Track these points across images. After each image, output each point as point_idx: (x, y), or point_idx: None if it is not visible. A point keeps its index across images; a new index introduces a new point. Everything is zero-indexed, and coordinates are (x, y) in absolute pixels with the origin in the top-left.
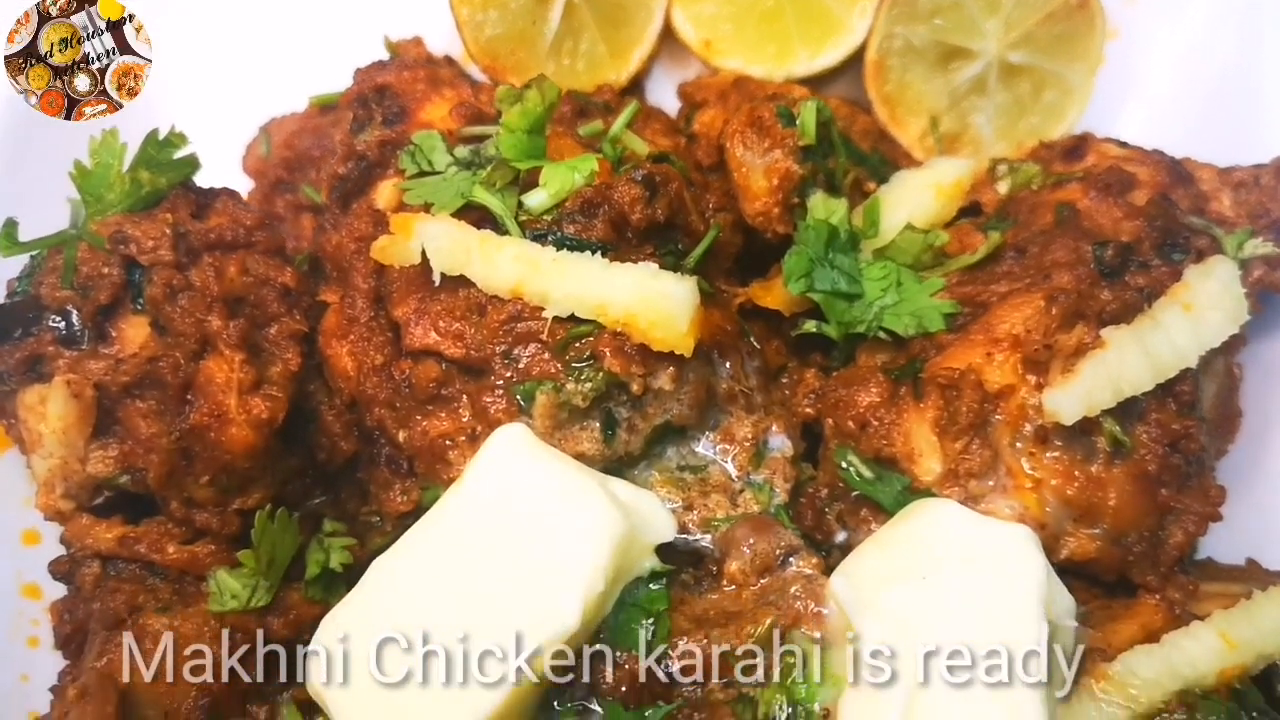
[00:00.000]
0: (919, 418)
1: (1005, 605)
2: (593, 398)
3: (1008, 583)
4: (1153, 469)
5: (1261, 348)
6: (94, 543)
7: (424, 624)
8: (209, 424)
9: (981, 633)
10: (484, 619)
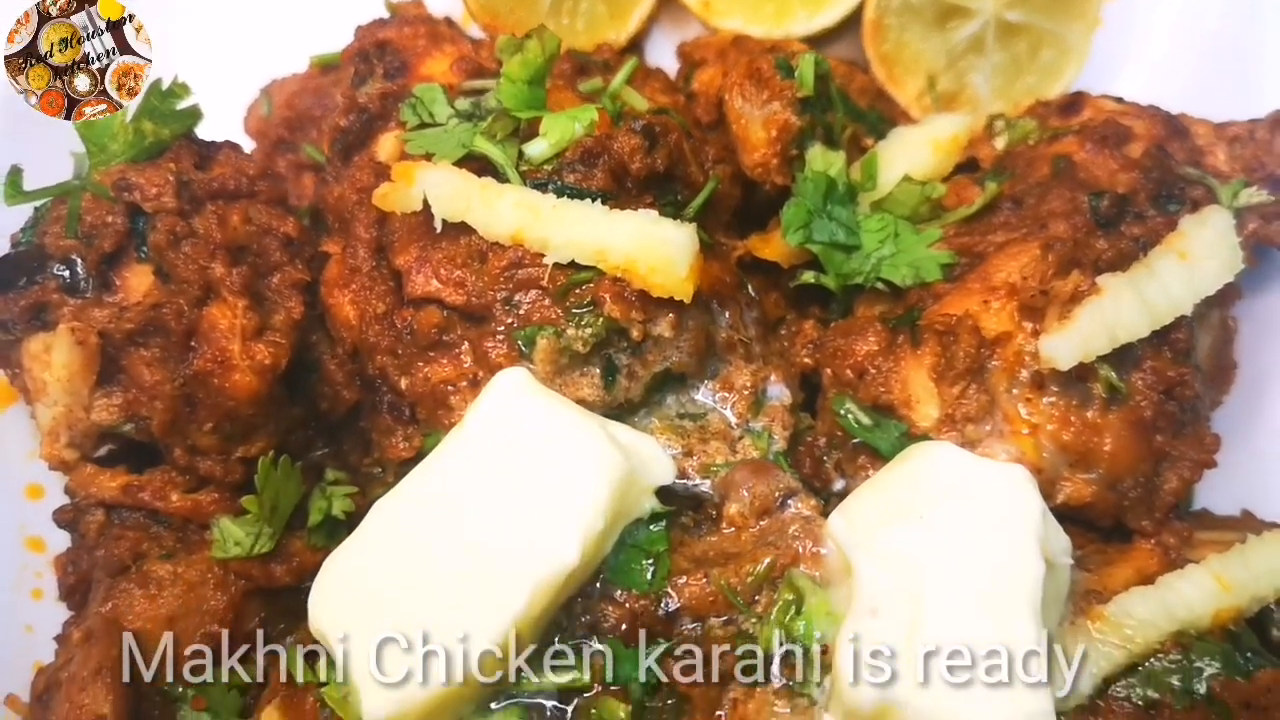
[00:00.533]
0: (916, 364)
1: (1002, 542)
2: (593, 343)
3: (1004, 521)
4: (1148, 415)
5: (1256, 301)
6: (98, 491)
7: (425, 562)
8: (213, 370)
9: (978, 570)
10: (486, 556)
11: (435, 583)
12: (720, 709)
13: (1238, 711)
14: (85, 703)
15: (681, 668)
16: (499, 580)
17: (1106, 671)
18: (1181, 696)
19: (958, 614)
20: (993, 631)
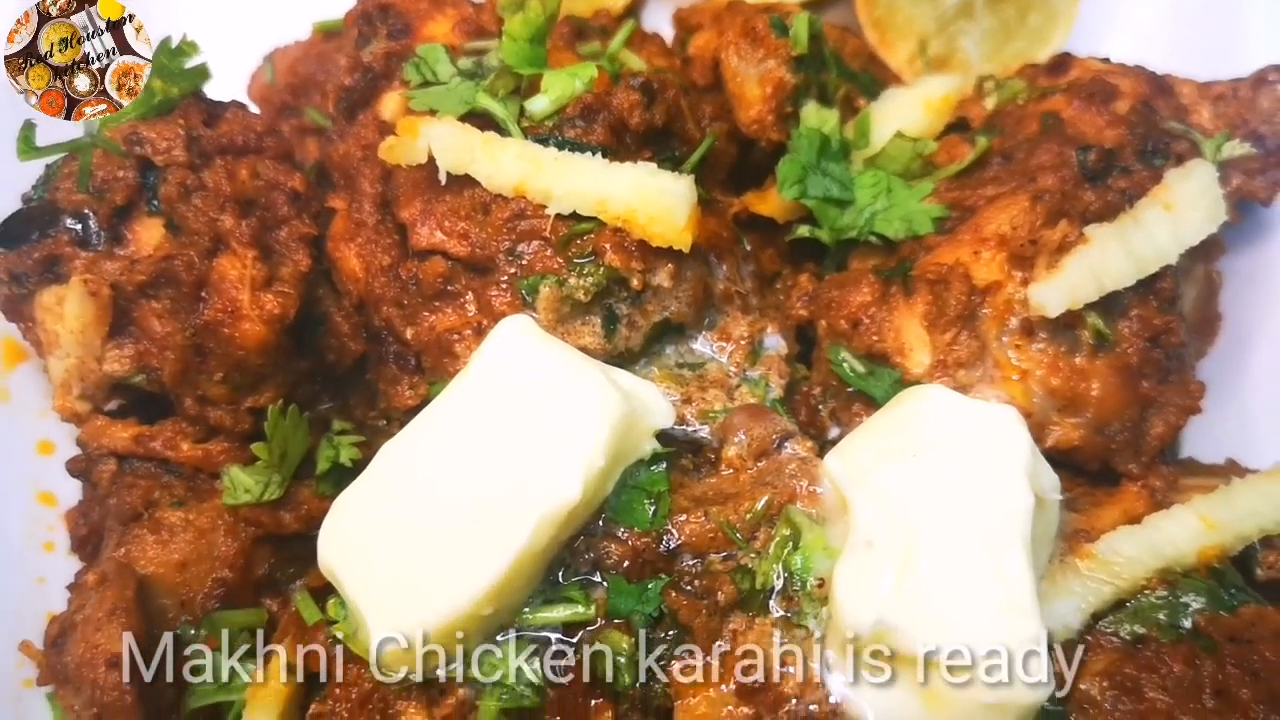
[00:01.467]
0: (909, 313)
1: (992, 477)
2: (594, 292)
3: (994, 457)
4: (1134, 361)
5: (1240, 256)
6: (109, 442)
7: (431, 499)
8: (222, 319)
9: (970, 504)
10: (489, 493)
11: (441, 519)
12: (720, 639)
13: (1223, 644)
14: (100, 642)
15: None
16: (503, 516)
17: (1095, 607)
18: (1168, 631)
19: (950, 545)
20: (984, 560)
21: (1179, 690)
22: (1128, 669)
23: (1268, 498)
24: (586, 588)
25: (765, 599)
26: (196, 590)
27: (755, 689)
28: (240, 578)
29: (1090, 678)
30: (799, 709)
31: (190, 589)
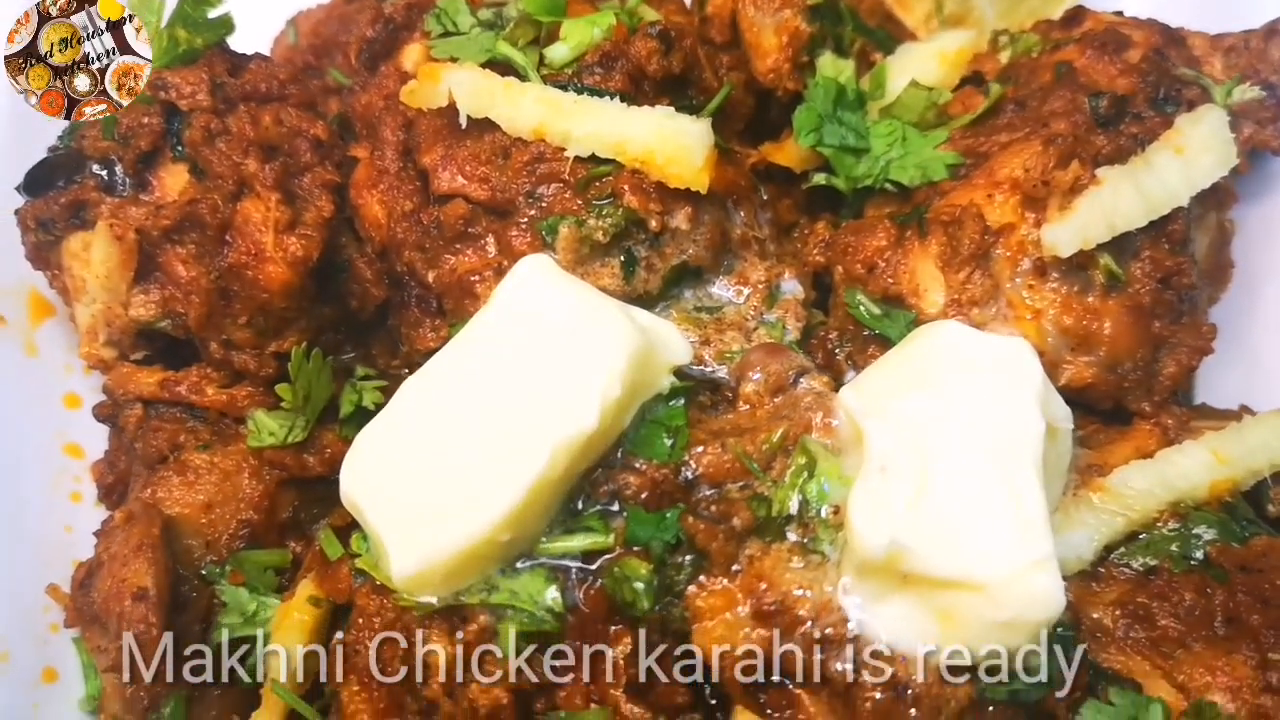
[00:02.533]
0: (923, 254)
1: (1004, 404)
2: (613, 233)
3: (1006, 385)
4: (1146, 301)
5: (1253, 205)
6: (135, 388)
7: (451, 431)
8: (247, 262)
9: (982, 430)
10: (507, 423)
11: (461, 449)
12: (737, 564)
13: (1234, 574)
14: (127, 576)
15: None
16: (521, 445)
17: (1107, 539)
18: (1179, 561)
19: (963, 469)
20: (996, 483)
21: (1190, 618)
22: (1140, 598)
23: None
24: (606, 517)
25: (781, 526)
26: (222, 531)
27: (771, 612)
28: (265, 520)
29: (1103, 607)
30: (814, 631)
31: (215, 530)
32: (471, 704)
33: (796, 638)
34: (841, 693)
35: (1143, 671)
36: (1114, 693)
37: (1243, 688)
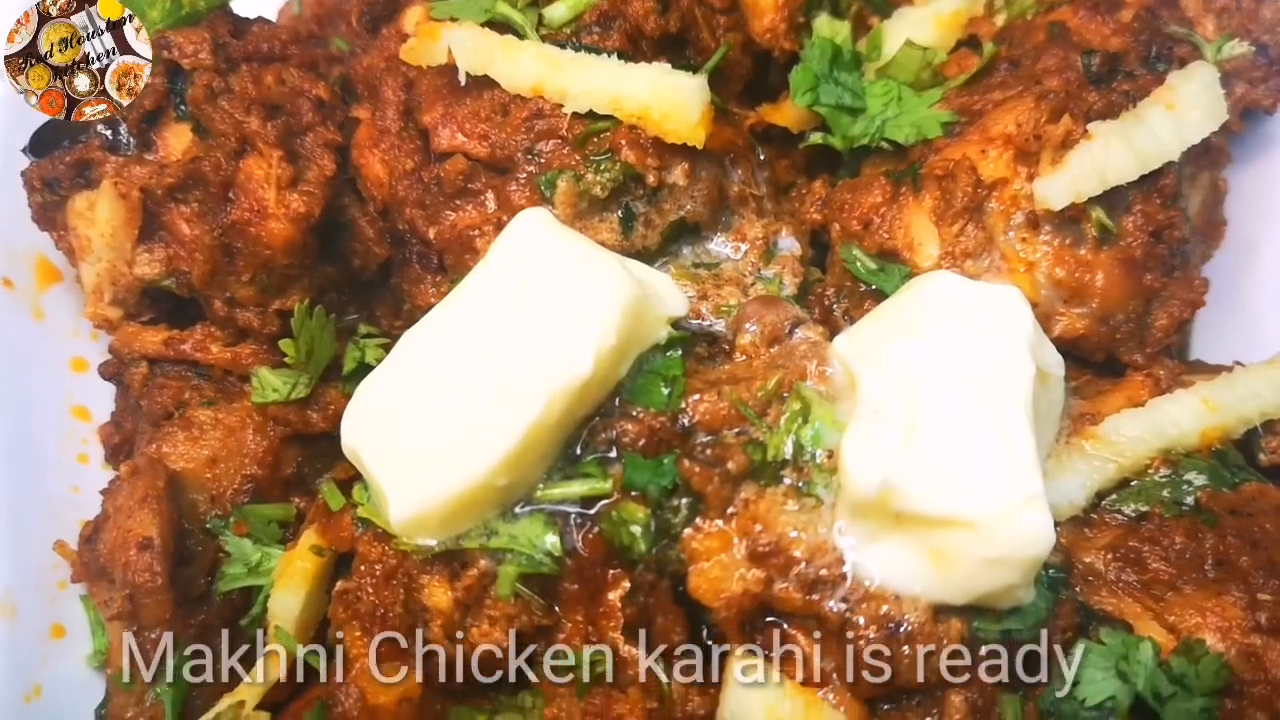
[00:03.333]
0: (918, 208)
1: (995, 349)
2: (611, 188)
3: (997, 331)
4: (1138, 254)
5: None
6: (141, 346)
7: (449, 380)
8: (249, 219)
9: (973, 373)
10: (504, 371)
11: (458, 397)
12: (732, 508)
13: (1223, 518)
14: (133, 527)
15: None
16: (517, 391)
17: (1099, 485)
18: (1170, 507)
19: (954, 410)
20: (986, 423)
21: (1181, 560)
22: (1131, 542)
23: (1269, 382)
24: (604, 464)
25: (776, 470)
26: (226, 486)
27: (766, 553)
28: (269, 475)
29: (1094, 551)
30: (809, 572)
31: (220, 484)
32: (472, 647)
33: (791, 578)
34: (836, 632)
35: (1134, 613)
36: (1105, 633)
37: (1232, 628)
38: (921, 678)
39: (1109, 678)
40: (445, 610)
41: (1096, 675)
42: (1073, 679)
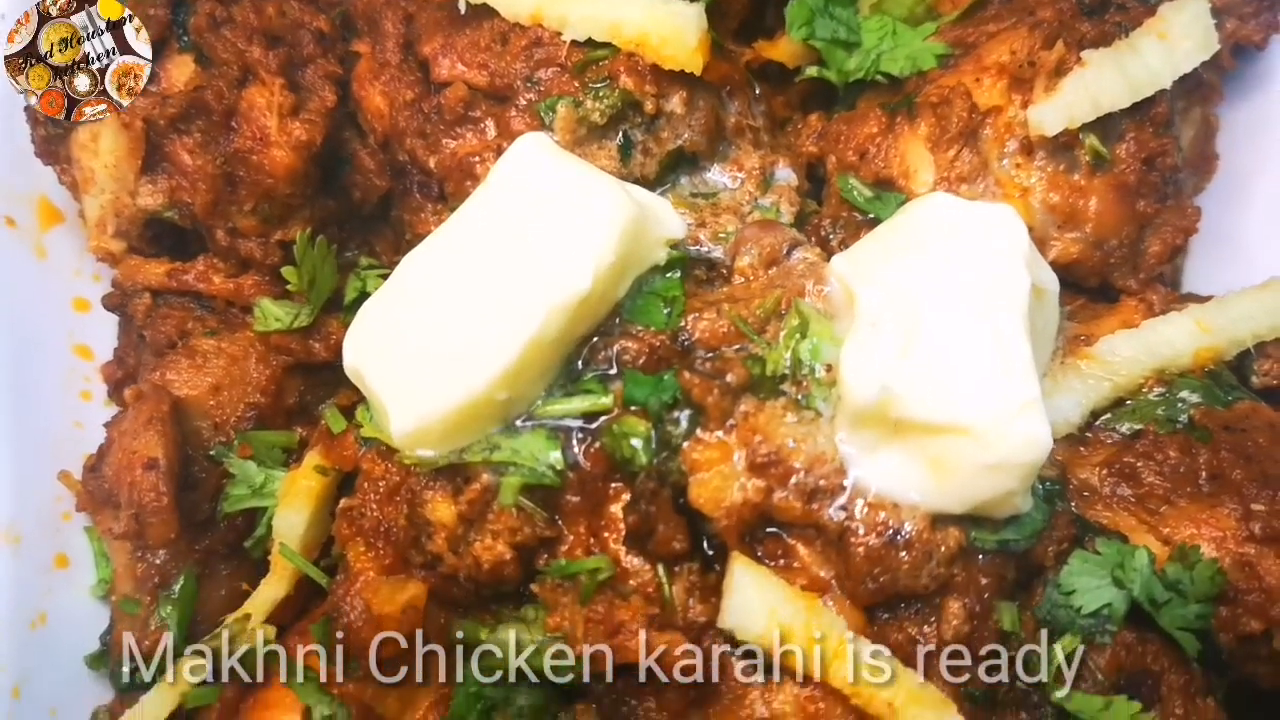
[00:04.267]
0: (913, 136)
1: (990, 264)
2: (609, 115)
3: (992, 247)
4: (1131, 180)
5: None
6: (144, 279)
7: (449, 299)
8: (252, 147)
9: (969, 287)
10: (504, 289)
11: (459, 315)
12: (732, 420)
13: (1217, 433)
14: (138, 449)
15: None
16: (517, 307)
17: (1094, 404)
18: (1165, 424)
19: (951, 321)
20: (982, 332)
21: (1175, 475)
22: (1126, 458)
23: (1261, 304)
24: (604, 380)
25: (775, 384)
26: (230, 414)
27: (766, 463)
28: (272, 403)
29: (1090, 468)
30: (808, 481)
31: (223, 412)
32: (475, 560)
33: (790, 488)
34: (835, 540)
35: (1129, 526)
36: (1101, 543)
37: (1227, 538)
38: (920, 585)
39: (1105, 585)
40: (449, 524)
41: (1092, 583)
42: (1069, 587)
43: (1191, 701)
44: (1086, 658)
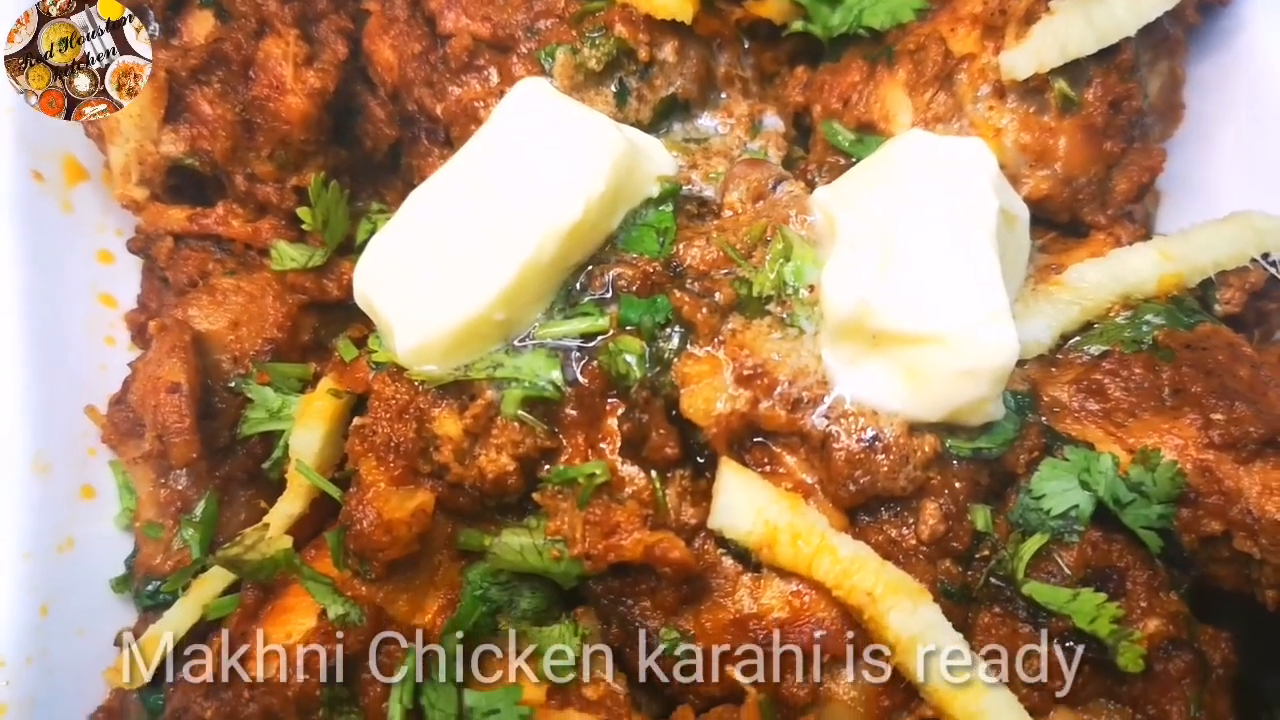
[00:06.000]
0: (892, 82)
1: (962, 189)
2: (605, 62)
3: (964, 175)
4: (1098, 121)
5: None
6: (166, 224)
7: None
8: (269, 95)
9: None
10: (503, 218)
11: (460, 243)
12: (721, 336)
13: (1179, 352)
14: (162, 374)
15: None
16: (513, 233)
17: (1063, 327)
18: (1130, 345)
19: (925, 240)
20: (954, 249)
21: (1140, 390)
22: (1094, 375)
23: (1222, 235)
24: (601, 304)
25: (761, 304)
26: (248, 347)
27: (752, 375)
28: (288, 339)
29: (1060, 386)
30: (791, 392)
31: (242, 345)
32: (480, 471)
33: (775, 398)
34: (818, 447)
35: (1096, 436)
36: (1069, 451)
37: (1188, 445)
38: (897, 487)
39: (1072, 489)
40: (455, 438)
41: (1060, 487)
42: (1039, 491)
43: (1155, 595)
44: (1056, 555)
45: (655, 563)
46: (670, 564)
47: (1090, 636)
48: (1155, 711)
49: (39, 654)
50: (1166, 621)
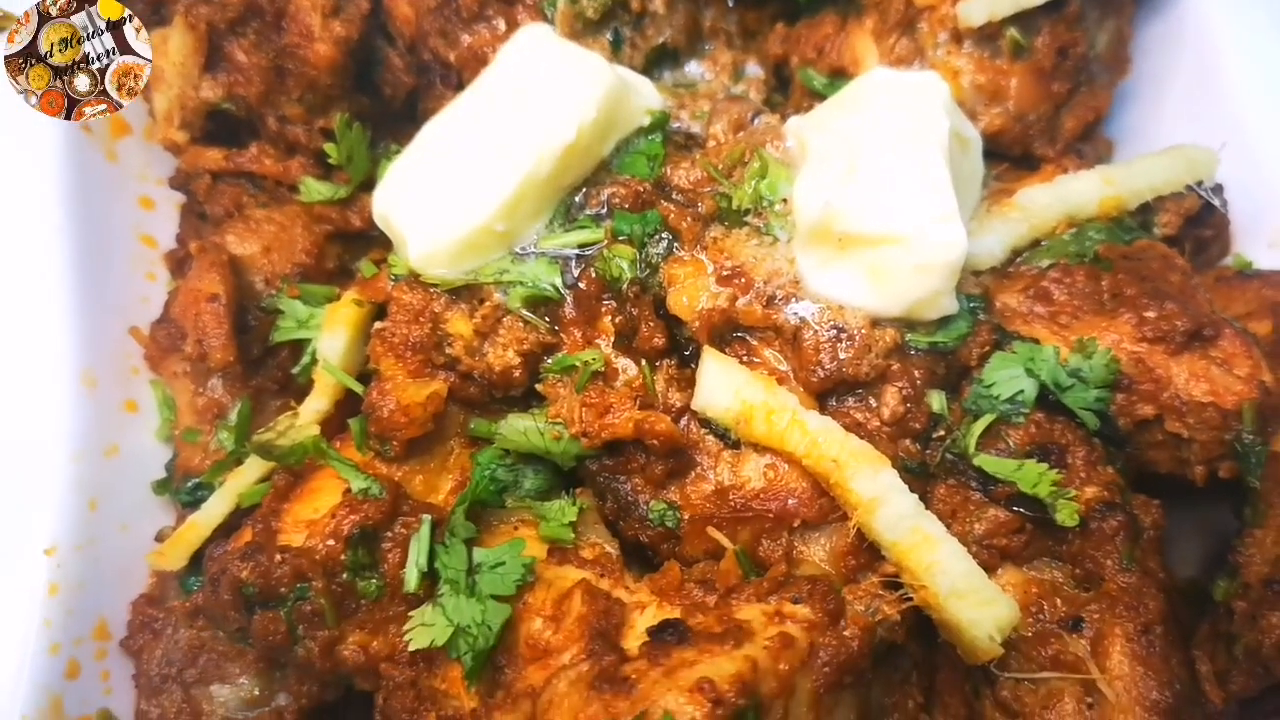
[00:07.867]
0: (860, 31)
1: (918, 113)
2: (602, 11)
3: (920, 102)
4: (1046, 65)
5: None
6: (204, 163)
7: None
8: (298, 43)
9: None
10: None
11: (466, 165)
12: (703, 242)
13: (1118, 262)
14: (202, 288)
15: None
16: (513, 152)
17: (1014, 244)
18: (1074, 258)
19: (884, 155)
20: (910, 160)
21: (1082, 294)
22: (1041, 283)
23: (1159, 164)
24: (597, 219)
25: (740, 216)
26: (279, 270)
27: (731, 275)
28: (315, 265)
29: (1011, 294)
30: (766, 289)
31: (274, 268)
32: (489, 366)
33: (752, 295)
34: (790, 339)
35: (1042, 335)
36: (1017, 345)
37: (1124, 339)
38: (861, 373)
39: (1019, 376)
40: (466, 336)
41: (1008, 374)
42: (989, 380)
43: (1093, 468)
44: (1004, 434)
45: (645, 436)
46: (658, 435)
47: (1033, 499)
48: (1092, 565)
49: (87, 543)
50: (1102, 489)
